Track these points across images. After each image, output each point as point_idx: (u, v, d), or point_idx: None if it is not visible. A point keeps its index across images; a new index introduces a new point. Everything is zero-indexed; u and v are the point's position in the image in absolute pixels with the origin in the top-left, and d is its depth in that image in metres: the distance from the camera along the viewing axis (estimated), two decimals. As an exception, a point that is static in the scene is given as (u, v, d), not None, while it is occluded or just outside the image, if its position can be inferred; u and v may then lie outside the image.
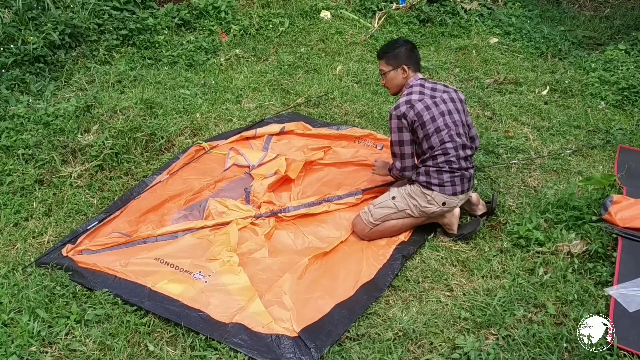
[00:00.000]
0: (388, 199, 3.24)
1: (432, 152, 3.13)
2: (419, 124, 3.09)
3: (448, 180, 3.13)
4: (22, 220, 3.47)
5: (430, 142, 3.12)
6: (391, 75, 3.27)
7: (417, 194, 3.18)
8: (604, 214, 3.16)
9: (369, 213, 3.22)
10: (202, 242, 3.16)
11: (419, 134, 3.12)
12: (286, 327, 2.59)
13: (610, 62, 5.71)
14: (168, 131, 4.26)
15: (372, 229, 3.22)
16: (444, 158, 3.12)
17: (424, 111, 3.09)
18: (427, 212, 3.18)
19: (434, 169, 3.13)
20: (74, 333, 2.57)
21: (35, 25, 5.01)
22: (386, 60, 3.26)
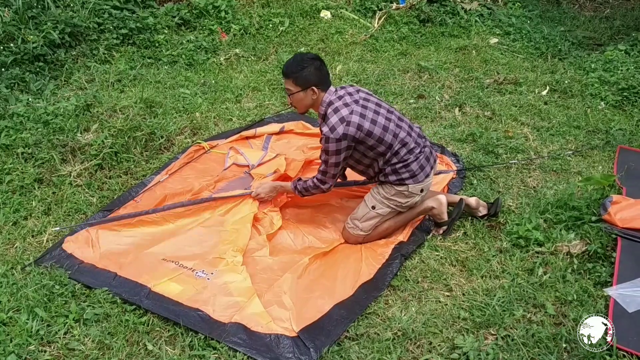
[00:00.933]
0: (368, 210, 3.17)
1: (392, 149, 3.03)
2: (364, 134, 2.96)
3: (417, 168, 3.08)
4: (22, 219, 3.46)
5: (385, 142, 3.01)
6: (299, 97, 3.05)
7: (392, 194, 3.13)
8: (604, 214, 3.16)
9: (356, 227, 3.19)
10: (211, 233, 3.17)
11: (368, 142, 2.98)
12: (285, 327, 2.59)
13: (610, 63, 5.71)
14: (168, 130, 4.26)
15: (366, 236, 3.21)
16: (405, 149, 3.05)
17: (362, 121, 2.95)
18: (410, 204, 3.18)
19: (400, 164, 3.06)
20: (73, 332, 2.57)
21: (35, 24, 5.00)
22: (294, 81, 3.02)
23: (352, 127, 2.93)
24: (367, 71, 5.64)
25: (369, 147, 3.02)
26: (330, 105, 3.01)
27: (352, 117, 2.94)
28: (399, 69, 5.71)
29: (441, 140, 4.35)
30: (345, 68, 5.67)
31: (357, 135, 2.95)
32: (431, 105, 4.98)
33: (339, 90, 3.09)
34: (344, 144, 2.95)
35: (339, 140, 2.94)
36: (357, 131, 2.95)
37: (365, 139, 2.98)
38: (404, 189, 3.10)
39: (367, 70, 5.67)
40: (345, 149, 2.98)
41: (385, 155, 3.06)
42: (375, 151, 3.04)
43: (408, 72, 5.67)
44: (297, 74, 3.00)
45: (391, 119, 3.05)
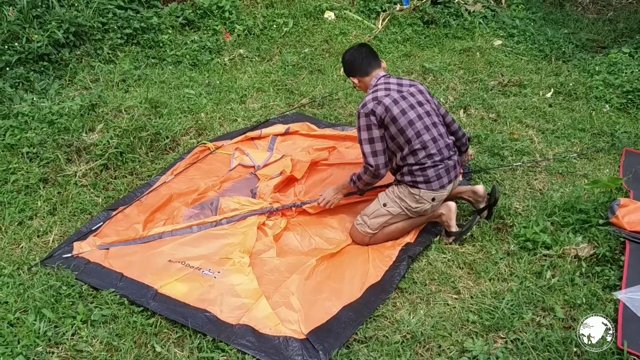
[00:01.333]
0: (379, 207, 3.20)
1: (411, 146, 3.07)
2: (389, 119, 3.05)
3: (434, 175, 3.10)
4: (27, 219, 3.45)
5: (406, 136, 3.06)
6: (354, 84, 3.38)
7: (405, 195, 3.15)
8: (611, 218, 3.16)
9: (365, 224, 3.20)
10: (217, 237, 3.17)
11: (391, 129, 3.07)
12: (294, 329, 2.58)
13: (614, 65, 5.71)
14: (173, 131, 4.25)
15: (372, 237, 3.21)
16: (424, 152, 3.08)
17: (392, 105, 3.06)
18: (419, 211, 3.17)
19: (417, 166, 3.09)
20: (81, 333, 2.56)
21: (39, 23, 4.99)
22: (345, 74, 3.44)
23: (380, 107, 3.06)
24: (371, 72, 5.62)
25: (390, 136, 3.10)
26: (373, 88, 3.22)
27: (384, 99, 3.08)
28: (403, 71, 5.70)
29: (447, 142, 4.34)
30: (350, 69, 5.65)
31: (382, 116, 3.06)
32: (436, 106, 4.96)
33: (391, 78, 3.27)
34: (372, 119, 3.07)
35: (367, 115, 3.07)
36: (384, 112, 3.06)
37: (389, 124, 3.07)
38: (416, 192, 3.12)
39: (372, 71, 5.65)
40: (374, 125, 3.07)
41: (402, 150, 3.10)
42: (396, 142, 3.11)
43: (412, 73, 5.66)
44: (343, 68, 3.45)
45: (423, 119, 3.11)
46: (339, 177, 3.79)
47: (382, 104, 3.06)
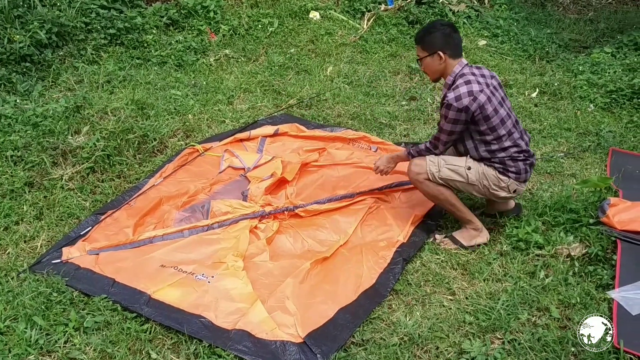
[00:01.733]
0: (462, 165, 3.09)
1: (500, 143, 3.05)
2: (481, 117, 2.99)
3: (523, 168, 3.10)
4: (13, 224, 3.38)
5: (496, 133, 3.03)
6: (427, 62, 3.11)
7: (489, 176, 3.09)
8: (602, 217, 3.19)
9: (437, 166, 3.08)
10: (209, 242, 3.13)
11: (481, 126, 3.02)
12: (291, 333, 2.55)
13: (597, 65, 5.78)
14: (160, 133, 4.20)
15: (429, 182, 3.11)
16: (516, 149, 3.08)
17: (487, 103, 2.98)
18: (495, 195, 3.15)
19: (508, 158, 3.08)
20: (73, 341, 2.51)
21: (21, 23, 4.89)
22: (422, 46, 3.10)
23: (475, 104, 2.96)
24: (358, 73, 5.63)
25: (479, 131, 3.05)
26: (462, 77, 3.03)
27: (480, 95, 2.96)
28: (390, 71, 5.71)
29: (436, 143, 4.35)
30: (336, 69, 5.66)
31: (476, 114, 2.98)
32: (423, 107, 4.98)
33: (474, 68, 3.14)
34: (463, 116, 2.98)
35: (460, 110, 2.96)
36: (477, 110, 2.97)
37: (479, 121, 3.01)
38: (504, 179, 3.09)
39: (358, 71, 5.66)
40: (462, 122, 3.00)
41: (491, 145, 3.07)
42: (484, 137, 3.06)
43: (399, 73, 5.67)
44: (425, 38, 3.08)
45: (510, 117, 3.11)
46: (330, 178, 3.79)
47: (477, 101, 2.95)
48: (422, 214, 3.42)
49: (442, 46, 3.05)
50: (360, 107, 4.93)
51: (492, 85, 3.10)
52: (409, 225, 3.31)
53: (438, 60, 3.08)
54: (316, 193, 3.65)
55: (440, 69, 3.12)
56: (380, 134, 4.51)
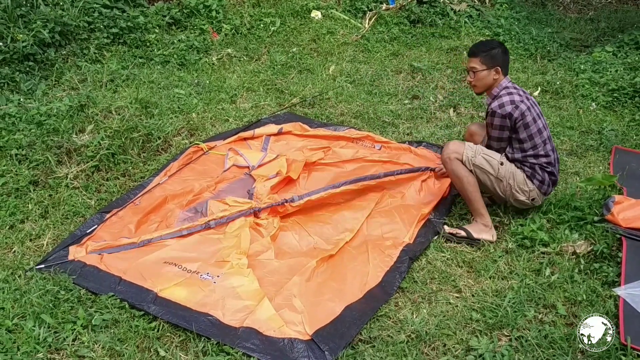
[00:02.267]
0: (497, 159, 3.26)
1: (535, 151, 3.24)
2: (522, 124, 3.19)
3: (548, 180, 3.28)
4: (18, 222, 3.38)
5: (533, 142, 3.23)
6: (483, 75, 3.27)
7: (518, 178, 3.26)
8: (607, 215, 3.20)
9: (474, 152, 3.24)
10: (210, 241, 3.13)
11: (521, 133, 3.21)
12: (298, 331, 2.56)
13: (598, 64, 5.79)
14: (165, 131, 4.20)
15: (460, 162, 3.22)
16: (545, 159, 3.27)
17: (527, 112, 3.19)
18: (515, 197, 3.29)
19: (538, 165, 3.26)
20: (82, 339, 2.51)
21: (24, 22, 4.90)
22: (482, 59, 3.25)
23: (517, 112, 3.18)
24: (360, 72, 5.64)
25: (518, 139, 3.25)
26: (506, 89, 3.27)
27: (521, 104, 3.20)
28: (392, 70, 5.71)
29: (439, 141, 4.36)
30: (339, 68, 5.66)
31: (517, 120, 3.19)
32: (426, 105, 4.99)
33: (515, 85, 3.36)
34: (507, 122, 3.20)
35: (504, 117, 3.19)
36: (520, 117, 3.18)
37: (520, 129, 3.21)
38: (529, 184, 3.26)
39: (361, 70, 5.67)
40: (508, 127, 3.22)
41: (526, 152, 3.26)
42: (521, 145, 3.25)
43: (401, 72, 5.68)
44: (486, 53, 3.25)
45: (546, 129, 3.32)
46: (339, 176, 3.77)
47: (519, 109, 3.17)
48: (429, 211, 3.43)
49: (501, 63, 3.26)
50: (363, 105, 4.94)
51: (531, 99, 3.32)
52: (415, 223, 3.32)
53: (493, 75, 3.27)
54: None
55: (490, 83, 3.30)
56: (383, 133, 4.51)
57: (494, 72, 3.25)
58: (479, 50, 3.28)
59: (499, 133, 3.25)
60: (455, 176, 3.27)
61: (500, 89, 3.27)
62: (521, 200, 3.29)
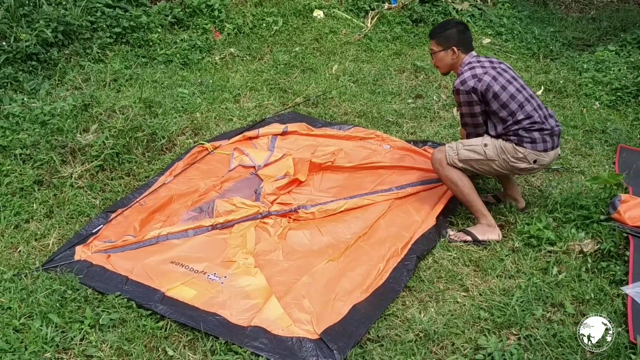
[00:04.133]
0: (479, 144, 3.24)
1: (514, 117, 3.17)
2: (491, 96, 3.15)
3: (539, 137, 3.18)
4: (23, 222, 3.37)
5: (509, 109, 3.17)
6: (441, 56, 3.33)
7: (507, 149, 3.20)
8: (613, 213, 3.19)
9: (456, 150, 3.25)
10: (216, 242, 3.12)
11: (493, 105, 3.18)
12: (307, 330, 2.56)
13: (601, 63, 5.79)
14: (169, 131, 4.19)
15: (450, 166, 3.25)
16: (528, 121, 3.17)
17: (492, 82, 3.15)
18: (516, 167, 3.24)
19: (522, 129, 3.17)
20: (89, 338, 2.51)
21: (27, 22, 4.88)
22: (437, 41, 3.33)
23: (481, 84, 3.15)
24: (363, 71, 5.64)
25: (492, 111, 3.21)
26: (469, 64, 3.27)
27: (484, 77, 3.17)
28: (395, 69, 5.71)
29: (443, 140, 4.35)
30: (342, 68, 5.66)
31: (485, 94, 3.16)
32: (429, 105, 4.99)
33: (481, 57, 3.35)
34: (473, 97, 3.18)
35: (468, 92, 3.18)
36: (485, 89, 3.15)
37: (491, 101, 3.17)
38: (521, 150, 3.19)
39: (364, 70, 5.66)
40: (476, 102, 3.19)
41: (506, 122, 3.20)
42: (497, 116, 3.21)
43: (404, 72, 5.68)
44: (440, 35, 3.32)
45: (522, 92, 3.22)
46: (352, 181, 3.77)
47: (482, 81, 3.15)
48: (442, 209, 3.43)
49: (456, 43, 3.28)
50: (367, 105, 4.94)
51: (499, 67, 3.26)
52: (426, 222, 3.32)
53: (451, 55, 3.31)
54: (340, 194, 3.62)
55: (451, 62, 3.34)
56: (387, 132, 4.50)
57: (450, 52, 3.29)
58: (435, 33, 3.35)
59: (468, 109, 3.24)
60: (450, 182, 3.26)
61: (463, 66, 3.28)
62: (524, 168, 3.23)
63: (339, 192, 3.63)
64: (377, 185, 3.66)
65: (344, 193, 3.59)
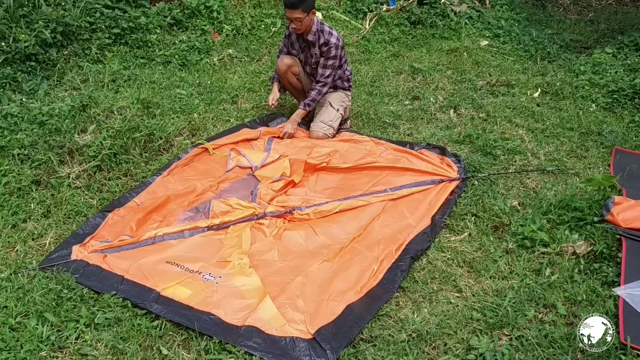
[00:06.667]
0: (335, 112, 4.37)
1: (345, 72, 4.46)
2: (345, 51, 4.36)
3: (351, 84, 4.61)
4: (20, 222, 3.39)
5: (346, 59, 4.44)
6: (306, 21, 4.05)
7: (342, 97, 4.46)
8: (606, 215, 3.21)
9: (331, 127, 4.32)
10: (212, 242, 3.14)
11: (342, 60, 4.34)
12: (300, 329, 2.58)
13: (598, 65, 5.82)
14: (166, 131, 4.22)
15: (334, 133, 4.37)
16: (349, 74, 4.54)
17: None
18: (345, 104, 4.49)
19: (347, 76, 4.50)
20: (85, 337, 2.53)
21: (26, 22, 4.91)
22: (302, 9, 3.96)
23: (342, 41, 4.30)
24: (361, 72, 5.66)
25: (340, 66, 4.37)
26: (320, 24, 4.19)
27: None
28: (393, 71, 5.73)
29: (439, 142, 4.38)
30: (340, 69, 5.67)
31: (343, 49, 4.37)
32: (426, 106, 5.01)
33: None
34: (341, 53, 4.30)
35: (342, 48, 4.31)
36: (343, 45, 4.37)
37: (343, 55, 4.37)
38: (349, 93, 4.55)
39: (361, 71, 5.68)
40: (340, 57, 4.30)
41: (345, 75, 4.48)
42: (342, 68, 4.42)
43: (401, 73, 5.70)
44: (304, 2, 3.95)
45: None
46: (347, 182, 3.80)
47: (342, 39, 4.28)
48: (436, 211, 3.45)
49: (313, 5, 4.07)
50: (364, 106, 4.96)
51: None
52: (420, 223, 3.34)
53: (312, 17, 4.10)
54: (334, 195, 3.65)
55: (310, 24, 4.13)
56: (383, 133, 4.54)
57: (312, 15, 4.06)
58: (300, 2, 3.92)
59: (338, 62, 4.26)
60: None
61: (318, 25, 4.13)
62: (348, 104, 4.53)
63: (333, 193, 3.65)
64: (371, 186, 3.68)
65: (339, 194, 3.62)
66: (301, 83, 4.53)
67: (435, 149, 4.17)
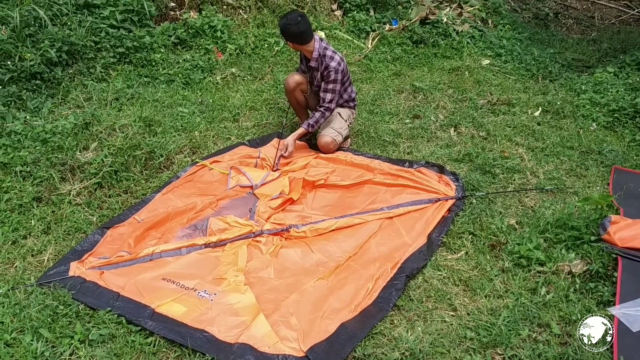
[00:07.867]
0: (344, 121, 4.52)
1: (350, 95, 4.59)
2: (348, 72, 4.47)
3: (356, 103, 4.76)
4: (21, 238, 3.43)
5: (350, 88, 4.58)
6: (304, 48, 4.33)
7: (349, 112, 4.62)
8: (603, 234, 3.21)
9: (340, 135, 4.45)
10: (208, 259, 3.15)
11: (346, 81, 4.46)
12: (293, 347, 2.58)
13: (600, 84, 5.83)
14: (167, 149, 4.26)
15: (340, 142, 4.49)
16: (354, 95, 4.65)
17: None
18: (351, 119, 4.64)
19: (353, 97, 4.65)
20: (79, 353, 2.54)
21: (32, 42, 4.99)
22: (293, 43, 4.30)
23: (345, 64, 4.39)
24: (362, 91, 5.70)
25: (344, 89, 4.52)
26: (324, 48, 4.32)
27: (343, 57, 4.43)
28: (394, 89, 5.77)
29: (439, 160, 4.40)
30: (341, 88, 5.71)
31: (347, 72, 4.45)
32: (427, 125, 5.03)
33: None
34: (343, 76, 4.37)
35: (343, 72, 4.34)
36: (347, 68, 4.44)
37: (346, 77, 4.46)
38: (354, 110, 4.71)
39: (363, 90, 5.73)
40: (341, 81, 4.36)
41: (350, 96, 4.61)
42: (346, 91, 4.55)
43: (403, 92, 5.73)
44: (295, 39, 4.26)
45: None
46: (344, 200, 3.82)
47: (344, 62, 4.36)
48: (433, 229, 3.46)
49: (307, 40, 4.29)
50: (364, 124, 4.99)
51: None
52: (416, 242, 3.35)
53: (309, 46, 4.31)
54: (330, 213, 3.68)
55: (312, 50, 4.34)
56: (383, 151, 4.56)
57: (311, 43, 4.26)
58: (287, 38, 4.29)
59: (337, 86, 4.32)
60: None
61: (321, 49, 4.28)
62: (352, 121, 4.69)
63: (330, 210, 3.67)
64: (368, 204, 3.70)
65: (336, 212, 3.63)
66: (307, 100, 4.68)
67: (434, 167, 4.19)
